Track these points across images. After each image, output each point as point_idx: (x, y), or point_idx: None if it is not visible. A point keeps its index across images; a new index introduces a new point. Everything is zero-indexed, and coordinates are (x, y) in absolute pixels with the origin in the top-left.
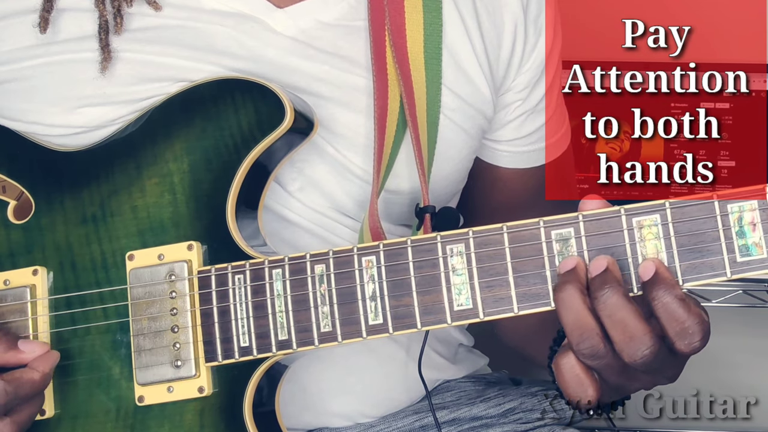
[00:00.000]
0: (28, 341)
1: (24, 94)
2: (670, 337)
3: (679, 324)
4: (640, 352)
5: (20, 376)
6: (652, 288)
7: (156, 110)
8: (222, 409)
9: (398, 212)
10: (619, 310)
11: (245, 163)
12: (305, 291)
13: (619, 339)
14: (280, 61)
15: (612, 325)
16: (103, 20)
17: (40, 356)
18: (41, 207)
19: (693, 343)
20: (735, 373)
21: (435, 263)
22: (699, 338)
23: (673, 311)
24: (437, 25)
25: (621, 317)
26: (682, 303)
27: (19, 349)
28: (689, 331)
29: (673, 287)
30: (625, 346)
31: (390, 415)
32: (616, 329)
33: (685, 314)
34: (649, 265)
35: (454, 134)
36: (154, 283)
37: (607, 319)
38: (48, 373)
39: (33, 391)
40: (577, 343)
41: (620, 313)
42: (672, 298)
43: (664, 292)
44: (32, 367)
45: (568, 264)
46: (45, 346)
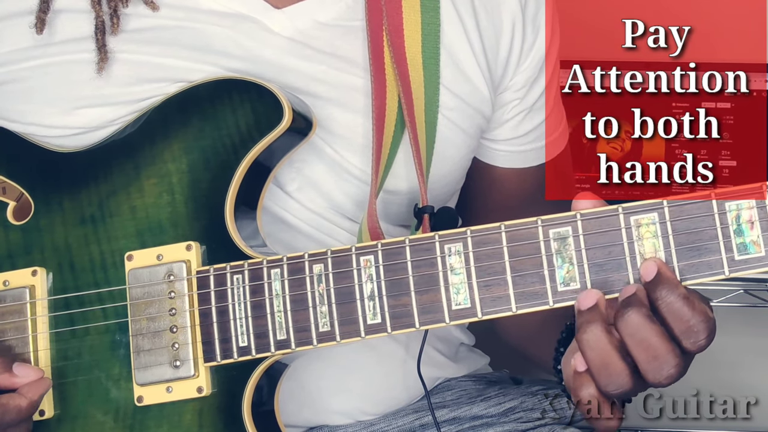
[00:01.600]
0: (24, 366)
1: (22, 95)
2: (676, 336)
3: (684, 323)
4: (666, 372)
5: (7, 402)
6: (656, 288)
7: (154, 111)
8: (221, 409)
9: (397, 212)
10: (641, 330)
11: (244, 163)
12: (304, 291)
13: (642, 359)
14: (277, 62)
15: (635, 345)
16: (99, 21)
17: (32, 383)
18: (40, 208)
19: (699, 341)
20: (736, 373)
21: (433, 262)
22: (704, 336)
23: (677, 310)
24: (435, 24)
25: (644, 336)
26: (687, 302)
27: (12, 373)
28: (694, 330)
29: (676, 286)
30: (649, 367)
31: (390, 414)
32: (639, 349)
33: (689, 313)
34: (651, 265)
35: (452, 134)
36: (152, 284)
37: (630, 338)
38: (36, 400)
39: (18, 418)
40: (605, 385)
41: (643, 333)
42: (676, 298)
43: (668, 292)
44: (21, 393)
45: (588, 301)
46: (39, 372)
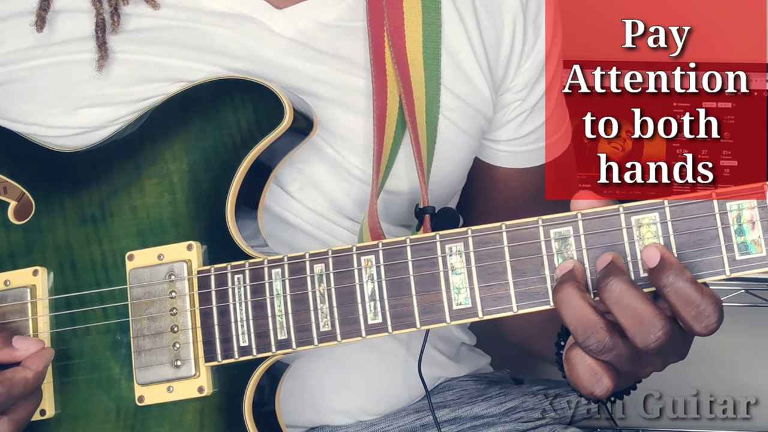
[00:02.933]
0: (23, 338)
1: (24, 95)
2: (687, 321)
3: (694, 308)
4: (653, 335)
5: (12, 375)
6: (661, 274)
7: (155, 111)
8: (222, 409)
9: (398, 213)
10: (625, 296)
11: (245, 163)
12: (304, 290)
13: (629, 325)
14: (278, 62)
15: (620, 312)
16: (99, 18)
17: (34, 354)
18: (41, 207)
19: (710, 324)
20: (736, 373)
21: (434, 262)
22: (716, 319)
23: (687, 295)
24: (436, 25)
25: (628, 303)
26: (695, 285)
27: (13, 347)
28: (705, 314)
29: (682, 271)
30: (636, 332)
31: (391, 414)
32: (625, 316)
33: (699, 297)
34: (653, 251)
35: (453, 134)
36: (153, 283)
37: (615, 306)
38: (41, 371)
39: (26, 390)
40: (583, 340)
41: (627, 299)
42: (684, 282)
43: (675, 277)
44: (25, 365)
45: (565, 266)
46: (39, 343)
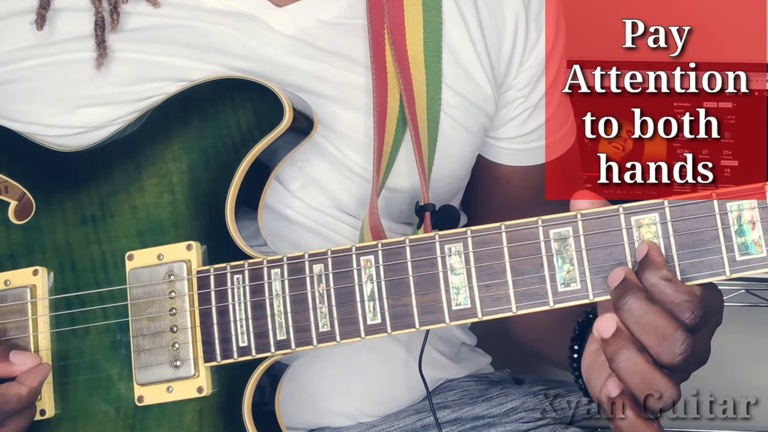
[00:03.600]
0: (21, 353)
1: (23, 94)
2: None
3: (668, 303)
4: (678, 349)
5: (6, 391)
6: (642, 271)
7: (155, 110)
8: (221, 409)
9: (399, 210)
10: (644, 314)
11: (244, 163)
12: (304, 291)
13: (652, 343)
14: (279, 60)
15: (642, 331)
16: (99, 17)
17: (30, 370)
18: (41, 207)
19: (692, 318)
20: (737, 373)
21: (433, 263)
22: (690, 314)
23: (660, 290)
24: (437, 23)
25: (649, 320)
26: (669, 283)
27: (9, 361)
28: (681, 308)
29: (658, 268)
30: (660, 349)
31: (392, 415)
32: (647, 333)
33: (673, 292)
34: (643, 248)
35: (455, 132)
36: (153, 283)
37: (635, 326)
38: (36, 387)
39: (19, 406)
40: (648, 400)
41: (647, 317)
42: (657, 279)
43: (650, 273)
44: (20, 381)
45: (610, 328)
46: (36, 359)
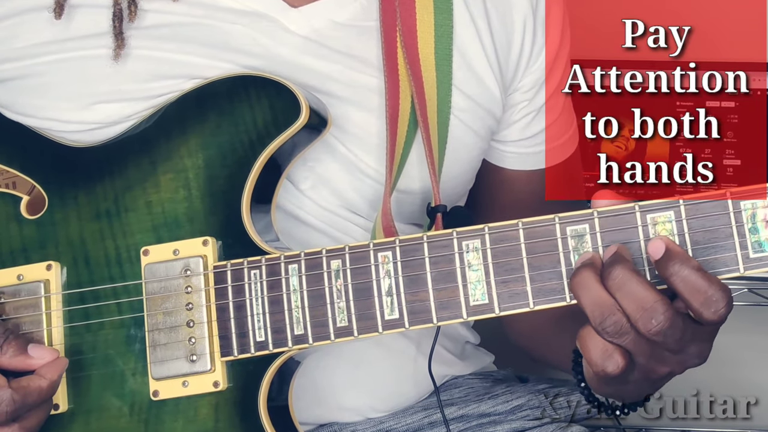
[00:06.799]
0: (38, 347)
1: (38, 90)
2: (696, 309)
3: (702, 294)
4: (655, 320)
5: (27, 384)
6: (667, 264)
7: (171, 106)
8: (237, 404)
9: (409, 212)
10: (627, 282)
11: (260, 159)
12: (321, 286)
13: (632, 310)
14: (293, 60)
15: (623, 298)
16: (117, 8)
17: (49, 363)
18: (55, 202)
19: (719, 309)
20: (738, 372)
21: (451, 259)
22: (724, 304)
23: (693, 282)
24: (448, 26)
25: (630, 288)
26: (701, 272)
27: (28, 355)
28: (713, 299)
29: (688, 259)
30: (639, 317)
31: (399, 411)
32: (628, 301)
33: (706, 283)
34: (658, 243)
35: (464, 135)
36: (169, 278)
37: (618, 292)
38: (56, 380)
39: (41, 399)
40: (600, 323)
41: (629, 285)
42: (690, 270)
43: (681, 266)
44: (40, 374)
45: (585, 255)
46: (54, 353)
